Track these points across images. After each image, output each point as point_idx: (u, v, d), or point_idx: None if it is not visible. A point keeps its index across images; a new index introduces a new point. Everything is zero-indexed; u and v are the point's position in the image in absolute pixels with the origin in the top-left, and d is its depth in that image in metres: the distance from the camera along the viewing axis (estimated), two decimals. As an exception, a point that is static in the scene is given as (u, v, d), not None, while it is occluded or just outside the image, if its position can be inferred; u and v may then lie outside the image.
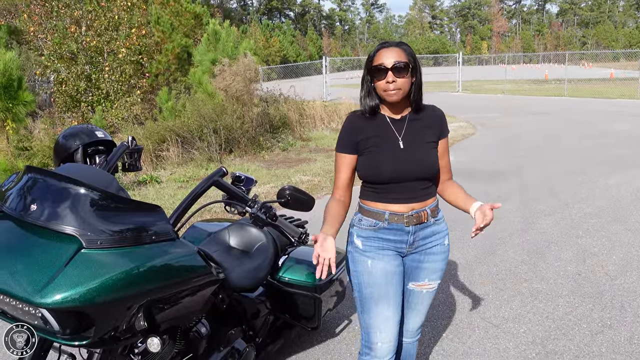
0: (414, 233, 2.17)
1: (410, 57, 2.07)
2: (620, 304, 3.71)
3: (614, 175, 7.62)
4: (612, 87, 25.81)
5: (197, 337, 2.20)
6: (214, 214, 6.00)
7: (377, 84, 2.07)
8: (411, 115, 2.18)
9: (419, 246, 2.21)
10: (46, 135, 9.26)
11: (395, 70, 2.02)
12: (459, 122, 14.74)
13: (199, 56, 13.42)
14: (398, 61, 2.02)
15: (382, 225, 2.15)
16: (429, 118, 2.21)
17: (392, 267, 2.17)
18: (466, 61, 43.98)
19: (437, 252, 2.25)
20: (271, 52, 60.08)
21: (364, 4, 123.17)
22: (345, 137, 2.17)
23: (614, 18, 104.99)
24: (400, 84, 2.04)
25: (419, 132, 2.16)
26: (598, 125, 13.08)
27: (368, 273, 2.16)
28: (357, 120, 2.17)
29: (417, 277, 2.26)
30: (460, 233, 5.27)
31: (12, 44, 16.40)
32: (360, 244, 2.19)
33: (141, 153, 2.61)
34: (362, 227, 2.19)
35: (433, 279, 2.28)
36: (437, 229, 2.26)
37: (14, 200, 1.72)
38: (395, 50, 2.06)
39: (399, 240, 2.17)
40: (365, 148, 2.12)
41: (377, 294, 2.15)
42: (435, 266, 2.26)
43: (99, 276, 1.54)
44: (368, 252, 2.17)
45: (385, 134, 2.13)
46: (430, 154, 2.16)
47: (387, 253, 2.18)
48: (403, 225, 2.14)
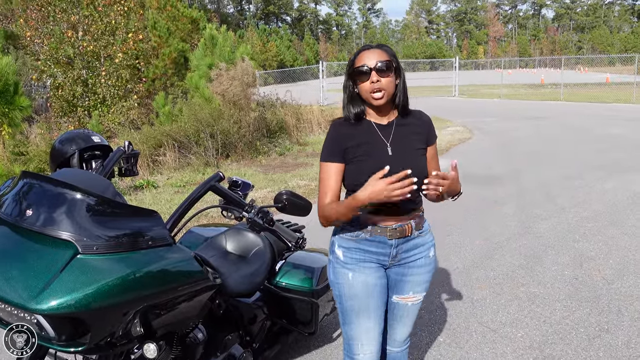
0: (397, 246, 2.10)
1: (392, 57, 2.02)
2: (618, 308, 3.71)
3: (610, 179, 7.64)
4: (608, 91, 25.90)
5: (193, 343, 2.18)
6: (211, 218, 5.99)
7: (361, 86, 2.01)
8: (398, 120, 2.11)
9: (402, 259, 2.14)
10: (42, 140, 9.25)
11: (378, 71, 1.97)
12: (456, 126, 14.76)
13: (196, 61, 13.42)
14: (380, 61, 1.97)
15: (364, 237, 2.08)
16: (416, 123, 2.15)
17: (373, 279, 2.11)
18: (463, 66, 44.11)
19: (422, 264, 2.18)
20: (268, 57, 60.14)
21: (360, 9, 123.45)
22: (331, 144, 2.07)
23: (609, 23, 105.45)
24: (385, 84, 1.98)
25: (407, 137, 2.09)
26: (594, 129, 13.12)
27: (349, 285, 2.11)
28: (342, 128, 2.09)
29: (402, 290, 2.19)
30: (458, 238, 5.27)
31: (9, 49, 16.39)
32: (341, 254, 2.12)
33: (138, 158, 2.60)
34: (344, 237, 2.12)
35: (418, 292, 2.21)
36: (421, 242, 2.17)
37: (9, 205, 1.71)
38: (376, 52, 2.01)
39: (381, 253, 2.10)
40: (354, 156, 2.04)
41: (357, 306, 2.11)
42: (419, 279, 2.19)
43: (95, 282, 1.53)
44: (349, 264, 2.11)
45: (373, 141, 2.06)
46: (420, 161, 2.09)
47: (369, 265, 2.11)
48: (386, 238, 2.07)
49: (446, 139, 12.28)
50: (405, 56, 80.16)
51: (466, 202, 6.65)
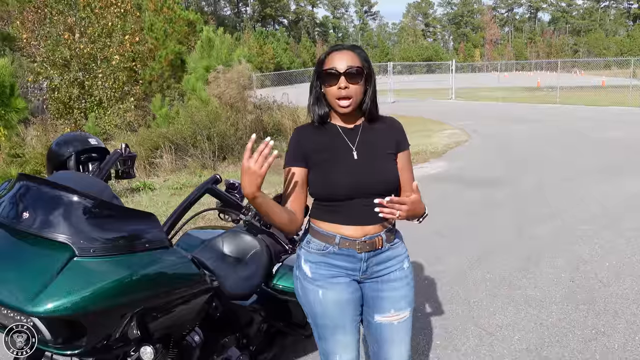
0: (367, 260, 1.96)
1: (364, 62, 1.88)
2: (614, 311, 3.72)
3: (606, 182, 7.66)
4: (603, 94, 25.97)
5: (190, 346, 2.18)
6: (207, 221, 5.98)
7: (328, 90, 1.87)
8: (365, 125, 1.98)
9: (374, 273, 2.00)
10: (39, 142, 9.24)
11: (348, 76, 1.83)
12: (453, 129, 14.79)
13: (193, 63, 13.44)
14: (351, 66, 1.84)
15: (332, 250, 1.95)
16: (385, 129, 2.00)
17: (345, 295, 1.98)
18: (459, 69, 44.23)
19: (396, 278, 2.02)
20: (265, 60, 60.15)
21: (357, 12, 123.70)
22: (293, 149, 1.95)
23: (605, 26, 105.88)
24: (353, 91, 1.85)
25: (374, 142, 1.96)
26: (590, 132, 13.16)
27: (320, 304, 1.98)
28: (306, 131, 1.98)
29: (381, 308, 2.02)
30: (454, 240, 5.28)
31: (5, 51, 16.37)
32: (309, 271, 1.99)
33: (135, 160, 2.61)
34: (311, 251, 1.99)
35: (400, 308, 2.02)
36: (393, 254, 2.02)
37: (6, 207, 1.71)
38: (348, 54, 1.87)
39: (350, 267, 1.97)
40: (316, 161, 1.92)
41: (332, 324, 2.00)
42: (397, 294, 2.02)
43: (91, 284, 1.53)
44: (318, 281, 1.97)
45: (337, 145, 1.94)
46: (389, 165, 1.95)
47: (339, 281, 1.98)
48: (355, 251, 1.94)
49: (443, 141, 12.31)
50: (401, 59, 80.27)
51: (462, 205, 6.67)
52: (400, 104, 23.93)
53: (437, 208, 6.42)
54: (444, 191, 7.48)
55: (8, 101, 7.67)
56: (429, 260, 4.71)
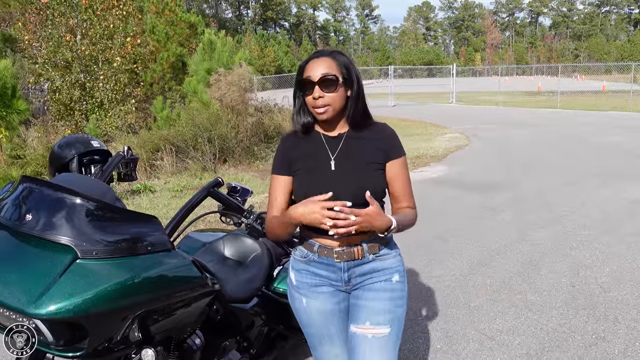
0: (348, 270, 1.89)
1: (342, 69, 1.82)
2: (614, 316, 3.72)
3: (606, 187, 7.66)
4: (604, 99, 26.00)
5: (191, 349, 2.18)
6: (208, 224, 5.98)
7: (307, 98, 1.84)
8: (350, 133, 1.91)
9: (358, 284, 1.92)
10: (40, 144, 9.24)
11: (322, 84, 1.78)
12: (453, 133, 14.81)
13: (194, 65, 13.45)
14: (326, 74, 1.79)
15: (312, 258, 1.91)
16: (373, 137, 1.91)
17: (329, 305, 1.94)
18: (460, 73, 44.24)
19: (379, 288, 1.89)
20: (266, 62, 60.30)
21: (358, 15, 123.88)
22: (278, 157, 1.95)
23: (606, 31, 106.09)
24: (330, 99, 1.80)
25: (357, 151, 1.88)
26: (591, 137, 13.17)
27: (305, 312, 1.97)
28: (290, 140, 1.96)
29: (357, 317, 1.90)
30: (454, 245, 5.28)
31: (7, 52, 16.39)
32: (294, 278, 1.99)
33: (137, 163, 2.60)
34: (296, 258, 1.98)
35: (378, 323, 1.86)
36: (380, 266, 1.91)
37: (8, 209, 1.71)
38: (325, 61, 1.82)
39: (333, 277, 1.91)
40: (298, 169, 1.90)
41: (318, 334, 1.98)
42: (377, 306, 1.87)
43: (94, 287, 1.53)
44: (301, 289, 1.96)
45: (317, 154, 1.89)
46: (370, 176, 1.85)
47: (322, 290, 1.93)
48: (333, 260, 1.88)
49: (443, 145, 12.32)
50: (402, 62, 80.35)
51: (463, 209, 6.67)
52: (401, 107, 23.93)
53: (437, 212, 6.43)
54: (444, 195, 7.48)
55: (10, 102, 7.68)
56: (430, 264, 4.71)
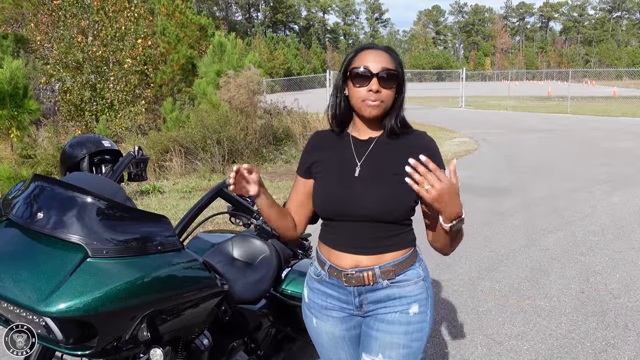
0: (359, 295, 1.71)
1: (399, 68, 1.66)
2: (624, 323, 3.69)
3: (617, 193, 7.61)
4: (614, 105, 25.84)
5: (199, 349, 2.18)
6: (216, 225, 5.99)
7: (355, 90, 1.63)
8: (382, 138, 1.72)
9: (370, 311, 1.73)
10: (50, 144, 9.30)
11: (381, 79, 1.60)
12: (462, 137, 14.76)
13: (204, 67, 13.51)
14: (387, 68, 1.61)
15: (324, 277, 1.76)
16: (408, 144, 1.69)
17: (339, 331, 1.80)
18: (469, 77, 44.15)
19: (394, 320, 1.69)
20: (275, 65, 60.40)
21: (368, 19, 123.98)
22: (303, 156, 1.83)
23: (617, 37, 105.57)
24: (385, 96, 1.62)
25: (386, 158, 1.68)
26: (601, 143, 13.09)
27: (315, 333, 1.87)
28: (318, 139, 1.84)
29: (369, 347, 1.72)
30: (462, 249, 5.25)
31: (19, 53, 16.53)
32: (306, 296, 1.87)
33: (147, 163, 2.61)
34: (310, 274, 1.86)
35: (390, 357, 1.68)
36: (396, 293, 1.69)
37: (20, 207, 1.72)
38: (383, 55, 1.64)
39: (343, 300, 1.74)
40: (317, 172, 1.76)
41: (328, 356, 1.88)
42: (390, 340, 1.68)
43: (104, 286, 1.53)
44: (312, 309, 1.83)
45: (345, 157, 1.73)
46: (394, 190, 1.62)
47: (332, 314, 1.78)
48: (342, 283, 1.72)
49: (452, 149, 12.29)
50: (412, 66, 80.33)
51: (472, 213, 6.64)
52: (410, 111, 23.67)
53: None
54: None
55: (21, 102, 7.72)
56: (438, 268, 4.70)
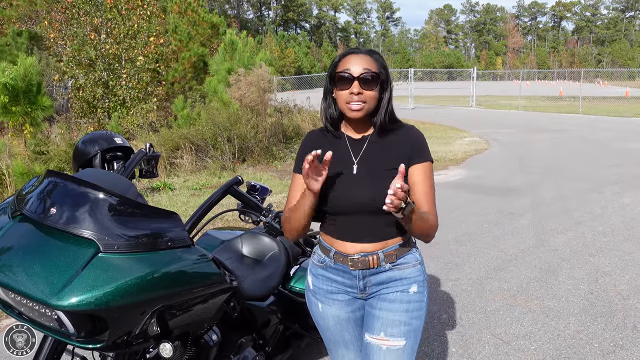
0: (364, 278, 1.86)
1: (381, 69, 1.76)
2: (633, 324, 3.67)
3: (627, 194, 7.56)
4: (627, 105, 25.62)
5: (207, 344, 2.21)
6: (226, 222, 6.03)
7: (339, 93, 1.75)
8: (373, 137, 1.85)
9: (373, 293, 1.88)
10: (62, 140, 9.39)
11: (362, 81, 1.71)
12: (473, 136, 14.71)
13: (215, 65, 13.55)
14: (367, 70, 1.72)
15: (329, 263, 1.89)
16: (397, 141, 1.83)
17: (345, 313, 1.93)
18: (480, 76, 43.94)
19: (395, 299, 1.84)
20: (286, 63, 60.41)
21: (379, 17, 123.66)
22: (299, 155, 1.90)
23: (630, 37, 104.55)
24: (367, 97, 1.73)
25: (379, 155, 1.82)
26: (612, 143, 12.99)
27: (320, 318, 1.97)
28: (314, 137, 1.92)
29: (372, 327, 1.85)
30: (471, 248, 5.25)
31: (33, 50, 16.69)
32: (311, 282, 1.98)
33: (158, 160, 2.64)
34: (314, 262, 1.97)
35: (392, 335, 1.81)
36: (397, 275, 1.85)
37: (34, 203, 1.75)
38: (364, 58, 1.75)
39: (348, 284, 1.88)
40: None
41: (333, 339, 1.99)
42: (392, 317, 1.82)
43: (115, 280, 1.56)
44: (318, 295, 1.95)
45: (341, 156, 1.83)
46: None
47: (337, 297, 1.92)
48: (348, 268, 1.85)
49: (462, 149, 12.25)
50: (423, 65, 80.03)
51: (482, 213, 6.63)
52: (420, 110, 23.87)
53: (455, 216, 6.41)
54: (463, 199, 7.44)
55: (35, 99, 7.82)
56: (446, 267, 4.70)
